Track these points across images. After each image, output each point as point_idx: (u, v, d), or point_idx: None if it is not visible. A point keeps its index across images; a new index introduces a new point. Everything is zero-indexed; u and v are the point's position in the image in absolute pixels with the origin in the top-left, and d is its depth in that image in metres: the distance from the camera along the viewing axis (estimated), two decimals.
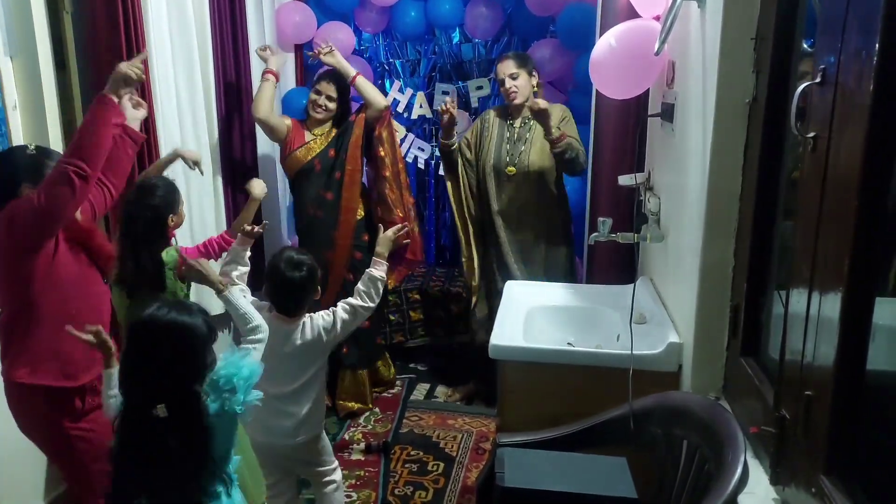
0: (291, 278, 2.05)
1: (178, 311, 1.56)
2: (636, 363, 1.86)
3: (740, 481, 1.35)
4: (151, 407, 1.50)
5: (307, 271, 2.07)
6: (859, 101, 1.06)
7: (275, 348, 2.07)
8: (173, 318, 1.54)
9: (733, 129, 1.67)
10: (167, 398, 1.51)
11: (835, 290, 1.13)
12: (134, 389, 1.55)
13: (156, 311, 1.56)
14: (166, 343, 1.53)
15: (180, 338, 1.54)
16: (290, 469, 2.28)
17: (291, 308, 2.11)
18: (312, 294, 2.13)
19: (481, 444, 3.06)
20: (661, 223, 2.31)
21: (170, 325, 1.53)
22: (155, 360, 1.53)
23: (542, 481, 1.51)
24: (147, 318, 1.55)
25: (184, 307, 1.60)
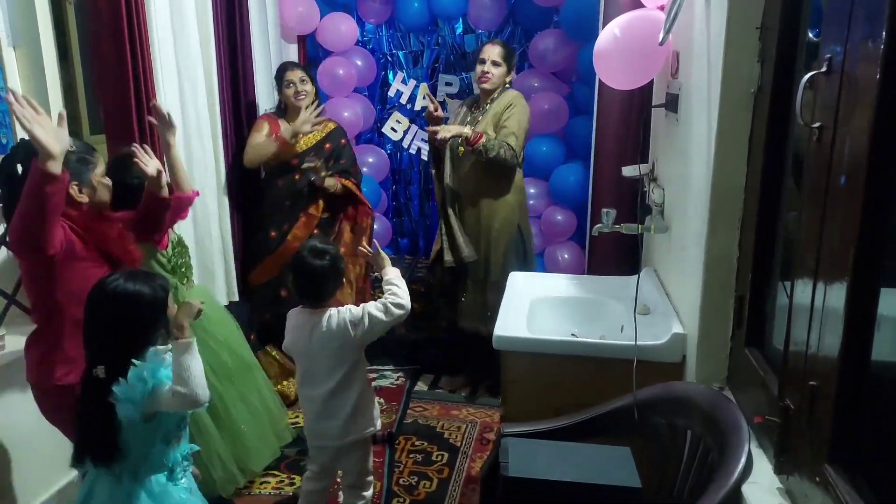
0: (313, 266, 2.05)
1: (128, 280, 1.66)
2: (640, 354, 1.87)
3: (744, 470, 1.35)
4: (95, 367, 1.63)
5: (329, 260, 2.07)
6: (865, 90, 1.06)
7: (302, 343, 2.10)
8: (120, 286, 1.64)
9: (738, 119, 1.67)
10: (107, 361, 1.63)
11: (840, 280, 1.12)
12: (88, 349, 1.68)
13: (110, 277, 1.68)
14: (109, 309, 1.64)
15: (123, 305, 1.64)
16: (331, 466, 2.28)
17: (313, 296, 2.11)
18: (335, 284, 2.11)
19: (485, 435, 3.08)
20: (664, 214, 2.31)
21: (116, 291, 1.64)
22: (101, 325, 1.66)
23: (546, 471, 1.52)
24: (101, 283, 1.67)
25: (141, 277, 1.69)
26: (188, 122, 3.02)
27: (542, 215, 3.78)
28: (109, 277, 1.68)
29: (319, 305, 2.11)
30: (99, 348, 1.66)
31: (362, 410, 2.16)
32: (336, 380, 2.10)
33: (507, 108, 3.08)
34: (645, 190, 2.54)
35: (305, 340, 2.09)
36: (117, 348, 1.64)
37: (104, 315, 1.65)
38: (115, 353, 1.63)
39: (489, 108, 3.15)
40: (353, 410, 2.13)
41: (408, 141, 4.22)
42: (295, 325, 2.14)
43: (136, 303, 1.65)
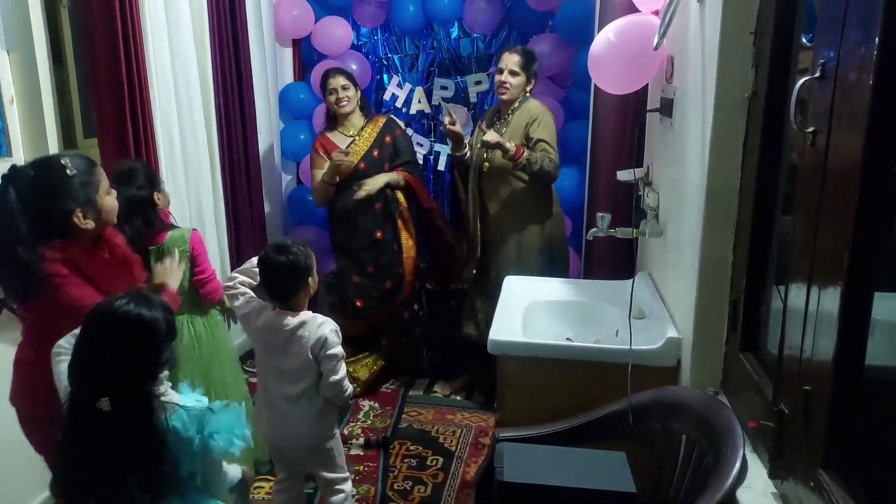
0: (275, 262, 2.03)
1: (136, 304, 1.50)
2: (635, 358, 1.86)
3: (739, 475, 1.35)
4: (96, 399, 1.45)
5: (293, 256, 2.03)
6: (859, 95, 1.06)
7: (277, 342, 2.07)
8: (130, 310, 1.48)
9: (732, 123, 1.67)
10: (113, 392, 1.45)
11: (834, 285, 1.13)
12: (82, 378, 1.49)
13: (114, 300, 1.50)
14: (119, 335, 1.48)
15: (134, 331, 1.49)
16: (300, 467, 2.26)
17: (280, 294, 2.08)
18: (302, 282, 2.07)
19: (480, 439, 3.07)
20: (659, 218, 2.31)
21: (126, 316, 1.48)
22: (105, 351, 1.48)
23: (541, 476, 1.52)
24: (104, 307, 1.50)
25: (144, 300, 1.53)
26: (184, 127, 3.01)
27: None
28: (115, 301, 1.50)
29: (287, 305, 2.08)
30: (102, 379, 1.47)
31: (324, 416, 2.14)
32: (306, 382, 2.07)
33: (534, 121, 2.97)
34: (640, 194, 2.54)
35: (282, 340, 2.05)
36: (127, 379, 1.48)
37: (111, 342, 1.49)
38: (125, 383, 1.48)
39: (511, 118, 3.04)
40: (317, 416, 2.11)
41: None
42: (268, 323, 2.08)
43: (149, 328, 1.50)
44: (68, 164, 1.74)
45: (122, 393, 1.47)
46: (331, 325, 2.07)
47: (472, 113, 4.19)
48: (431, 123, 4.25)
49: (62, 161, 1.75)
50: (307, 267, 2.07)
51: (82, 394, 1.49)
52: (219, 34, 3.26)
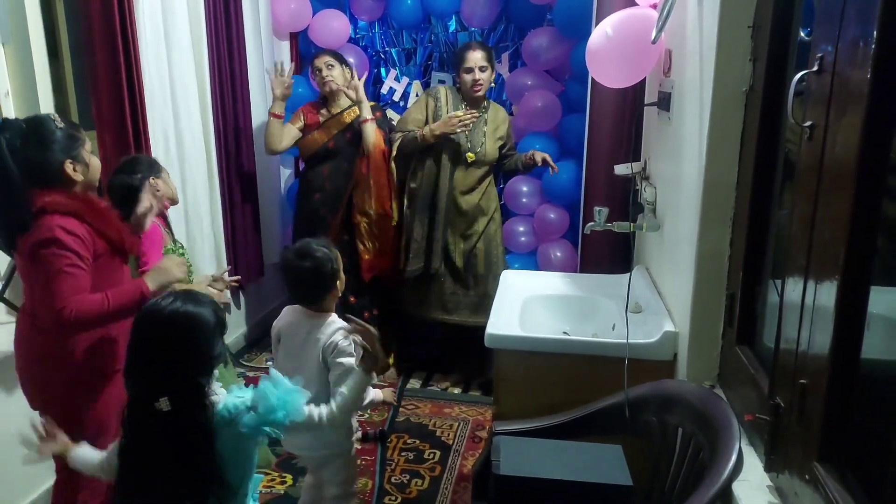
0: (297, 267, 1.98)
1: (183, 301, 1.50)
2: (632, 352, 1.87)
3: (735, 468, 1.36)
4: (154, 401, 1.44)
5: (315, 261, 1.96)
6: (856, 89, 1.06)
7: (297, 342, 2.01)
8: (177, 308, 1.48)
9: (730, 117, 1.67)
10: (171, 391, 1.45)
11: (830, 279, 1.13)
12: (138, 382, 1.49)
13: (161, 300, 1.51)
14: (170, 333, 1.47)
15: (185, 328, 1.48)
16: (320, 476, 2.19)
17: (303, 298, 2.03)
18: (327, 286, 2.00)
19: (477, 433, 3.08)
20: (657, 212, 2.31)
21: (174, 314, 1.47)
22: (158, 351, 1.47)
23: (538, 469, 1.52)
24: (152, 308, 1.50)
25: (191, 296, 1.53)
26: (179, 120, 3.01)
27: (535, 213, 3.78)
28: (161, 300, 1.50)
29: (315, 307, 2.03)
30: (158, 379, 1.47)
31: (337, 429, 2.05)
32: (320, 386, 1.98)
33: (504, 125, 3.38)
34: (637, 188, 2.55)
35: (300, 341, 2.01)
36: (184, 377, 1.47)
37: (165, 341, 1.47)
38: (182, 382, 1.47)
39: (486, 116, 3.34)
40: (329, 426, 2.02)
41: None
42: (290, 321, 2.06)
43: (201, 324, 1.49)
44: (56, 118, 1.84)
45: (180, 392, 1.46)
46: (346, 335, 1.95)
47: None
48: None
49: (51, 116, 1.85)
50: (333, 270, 1.99)
51: (140, 398, 1.48)
52: (215, 27, 3.25)
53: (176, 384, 1.47)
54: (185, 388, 1.47)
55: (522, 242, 3.76)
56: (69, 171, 1.81)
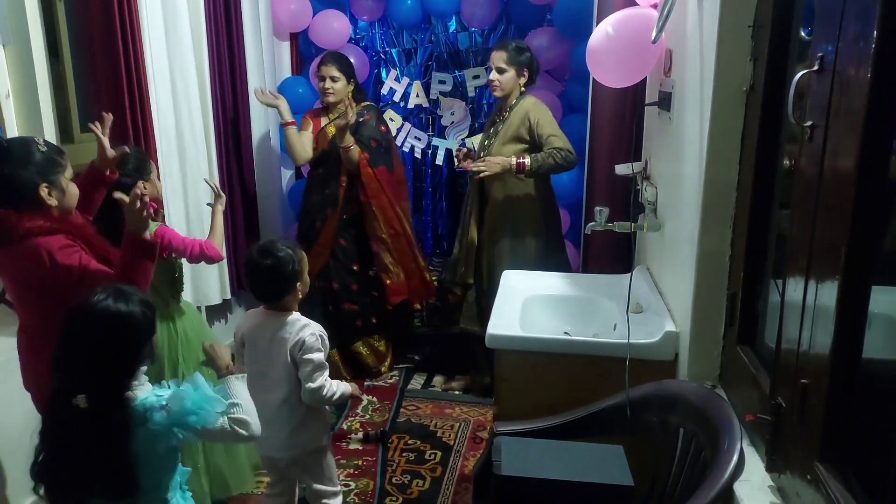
0: (259, 265, 1.98)
1: (114, 299, 1.49)
2: (633, 352, 1.87)
3: (736, 469, 1.35)
4: (73, 396, 1.45)
5: (277, 259, 1.97)
6: (857, 89, 1.06)
7: (262, 343, 2.01)
8: (108, 306, 1.48)
9: (730, 117, 1.67)
10: (90, 389, 1.45)
11: (831, 278, 1.13)
12: (61, 376, 1.50)
13: (94, 296, 1.50)
14: (96, 332, 1.47)
15: (111, 328, 1.48)
16: (288, 475, 2.20)
17: (264, 295, 2.04)
18: (288, 286, 2.00)
19: (478, 433, 3.07)
20: (657, 212, 2.31)
21: (103, 313, 1.47)
22: (83, 348, 1.47)
23: (539, 469, 1.52)
24: (84, 305, 1.49)
25: (122, 295, 1.52)
26: (180, 120, 3.01)
27: None
28: (94, 297, 1.50)
29: (276, 306, 2.03)
30: (80, 375, 1.47)
31: (310, 426, 2.07)
32: (291, 386, 2.01)
33: (527, 118, 2.96)
34: (638, 188, 2.54)
35: (266, 343, 2.01)
36: (104, 376, 1.48)
37: (90, 338, 1.48)
38: (102, 380, 1.47)
39: (509, 116, 3.03)
40: (300, 424, 2.04)
41: (401, 139, 4.21)
42: (253, 324, 2.05)
43: (127, 325, 1.49)
44: (40, 142, 1.84)
45: (99, 390, 1.46)
46: (313, 329, 2.01)
47: (471, 107, 4.18)
48: (429, 118, 4.25)
49: (35, 139, 1.85)
50: (294, 272, 1.99)
51: (61, 390, 1.49)
52: (215, 28, 3.26)
53: (96, 383, 1.47)
54: (104, 388, 1.47)
55: None
56: (43, 194, 1.79)
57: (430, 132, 4.24)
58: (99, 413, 1.46)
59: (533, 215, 3.08)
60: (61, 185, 1.84)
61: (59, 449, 1.51)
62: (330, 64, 3.31)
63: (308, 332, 1.99)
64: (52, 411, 1.52)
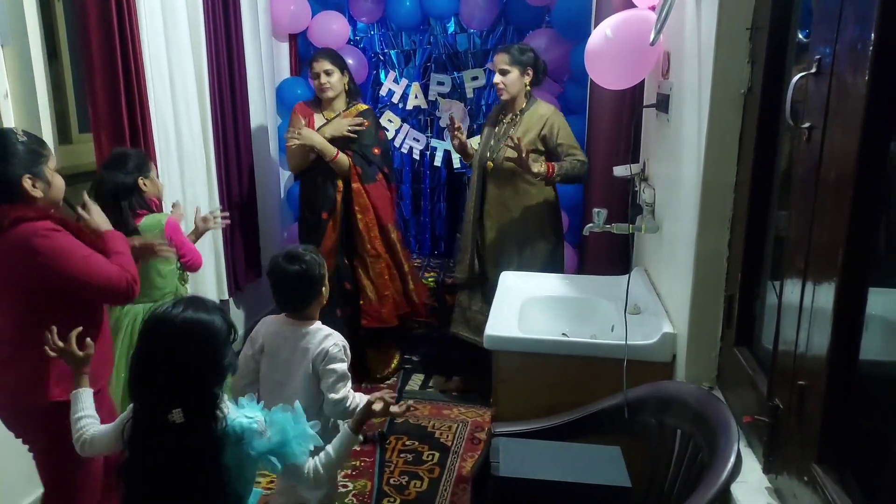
0: (286, 271, 1.96)
1: (195, 309, 1.45)
2: (630, 353, 1.87)
3: (734, 470, 1.36)
4: (166, 412, 1.40)
5: (305, 265, 1.95)
6: (854, 91, 1.06)
7: (282, 354, 1.98)
8: (190, 316, 1.43)
9: (728, 119, 1.67)
10: (184, 402, 1.41)
11: (829, 280, 1.13)
12: (148, 393, 1.44)
13: (171, 308, 1.45)
14: (184, 343, 1.42)
15: (199, 337, 1.43)
16: None
17: (289, 303, 2.01)
18: (314, 291, 1.99)
19: (476, 434, 3.08)
20: (655, 214, 2.31)
21: (187, 322, 1.43)
22: (171, 361, 1.42)
23: (537, 471, 1.52)
24: (162, 316, 1.44)
25: (201, 304, 1.49)
26: (179, 120, 3.01)
27: None
28: (171, 308, 1.45)
29: (300, 315, 2.01)
30: (170, 389, 1.42)
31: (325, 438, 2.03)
32: (310, 398, 1.97)
33: (553, 130, 2.95)
34: (636, 190, 2.55)
35: (288, 353, 1.98)
36: (197, 388, 1.43)
37: (178, 351, 1.42)
38: (195, 393, 1.43)
39: (521, 119, 3.00)
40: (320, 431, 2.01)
41: (399, 140, 4.21)
42: (274, 332, 2.02)
43: (212, 333, 1.44)
44: (19, 132, 1.81)
45: (194, 402, 1.43)
46: (335, 339, 1.97)
47: (469, 109, 4.19)
48: (428, 119, 4.25)
49: (14, 130, 1.83)
50: (320, 276, 1.98)
51: (149, 409, 1.44)
52: (214, 29, 3.25)
53: (191, 395, 1.43)
54: (199, 399, 1.43)
55: None
56: (27, 185, 1.76)
57: (428, 133, 4.24)
58: (195, 426, 1.42)
59: (545, 219, 3.09)
60: (46, 176, 1.81)
61: (153, 471, 1.45)
62: (321, 59, 3.29)
63: (331, 343, 1.95)
64: (139, 434, 1.47)
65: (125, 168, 2.31)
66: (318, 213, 3.35)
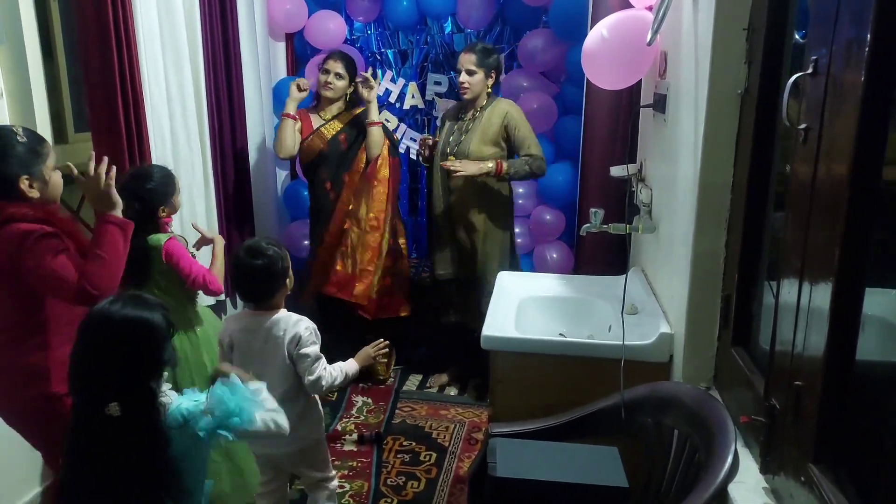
0: (247, 265, 2.00)
1: (133, 305, 1.49)
2: (628, 353, 1.87)
3: (731, 470, 1.36)
4: (103, 406, 1.42)
5: (267, 259, 2.00)
6: (851, 92, 1.06)
7: (255, 346, 2.03)
8: (128, 313, 1.47)
9: (725, 119, 1.67)
10: (121, 397, 1.43)
11: (825, 280, 1.13)
12: (85, 388, 1.47)
13: (109, 304, 1.48)
14: (121, 338, 1.46)
15: (137, 333, 1.46)
16: (286, 468, 2.24)
17: (251, 295, 2.06)
18: (277, 283, 2.03)
19: (473, 435, 3.07)
20: (652, 214, 2.31)
21: (125, 319, 1.46)
22: (108, 356, 1.45)
23: (534, 471, 1.52)
24: (100, 312, 1.47)
25: (141, 300, 1.52)
26: (175, 120, 3.00)
27: (531, 215, 3.79)
28: (109, 304, 1.48)
29: (263, 306, 2.04)
30: (107, 384, 1.44)
31: (307, 417, 2.09)
32: (289, 384, 2.03)
33: (505, 120, 3.07)
34: (633, 190, 2.55)
35: (260, 344, 2.02)
36: (133, 382, 1.46)
37: (114, 346, 1.45)
38: (132, 387, 1.45)
39: (481, 115, 3.13)
40: (298, 419, 2.02)
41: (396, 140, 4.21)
42: (242, 327, 2.06)
43: (150, 328, 1.47)
44: (18, 131, 1.79)
45: (130, 396, 1.45)
46: (306, 324, 2.03)
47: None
48: (425, 119, 4.24)
49: (13, 128, 1.80)
50: (283, 269, 2.03)
51: (87, 402, 1.47)
52: (210, 29, 3.24)
53: (127, 389, 1.45)
54: (136, 393, 1.46)
55: (518, 244, 3.76)
56: (23, 186, 1.75)
57: (425, 133, 4.24)
58: (134, 420, 1.45)
59: (503, 211, 3.25)
60: (43, 176, 1.80)
61: (91, 465, 1.47)
62: (338, 60, 3.35)
63: (302, 327, 2.02)
64: (78, 427, 1.48)
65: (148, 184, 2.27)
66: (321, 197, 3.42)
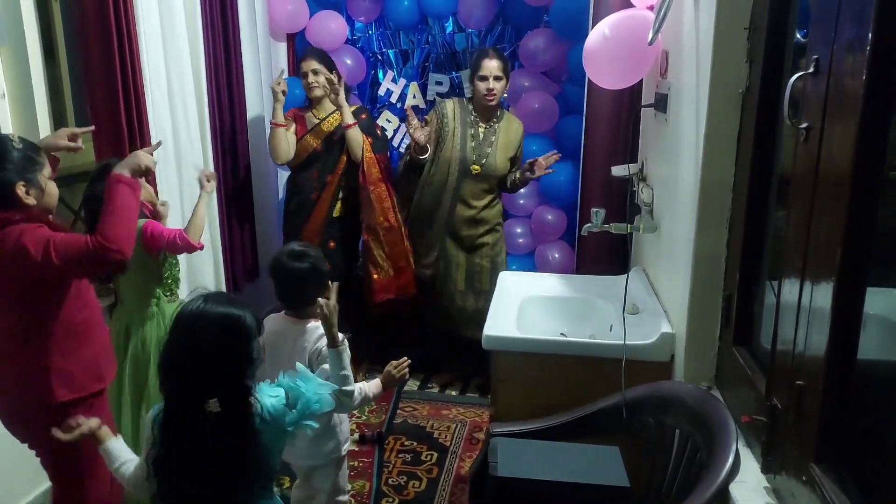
0: (292, 269, 1.98)
1: (227, 303, 1.51)
2: (629, 353, 1.87)
3: (732, 469, 1.36)
4: (200, 404, 1.44)
5: (310, 263, 1.99)
6: (852, 91, 1.06)
7: (284, 351, 2.00)
8: (223, 310, 1.49)
9: (727, 119, 1.67)
10: (218, 393, 1.45)
11: (826, 280, 1.13)
12: (182, 385, 1.48)
13: (203, 302, 1.50)
14: (220, 335, 1.47)
15: (232, 329, 1.48)
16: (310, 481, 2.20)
17: (295, 301, 2.04)
18: (318, 289, 1.95)
19: (475, 434, 3.07)
20: (654, 213, 2.31)
21: (221, 316, 1.48)
22: (206, 352, 1.46)
23: (535, 471, 1.52)
24: (196, 310, 1.49)
25: (230, 298, 1.56)
26: (176, 121, 3.00)
27: (532, 215, 3.79)
28: (202, 303, 1.50)
29: (302, 311, 2.03)
30: (204, 380, 1.46)
31: (329, 435, 2.06)
32: None
33: (520, 140, 3.26)
34: (634, 189, 2.55)
35: (288, 350, 2.01)
36: (230, 378, 1.48)
37: (211, 343, 1.46)
38: (228, 383, 1.48)
39: (498, 128, 3.21)
40: (320, 433, 1.97)
41: (398, 139, 4.21)
42: (275, 331, 2.04)
43: (243, 325, 1.49)
44: (15, 139, 1.80)
45: (227, 392, 1.47)
46: None
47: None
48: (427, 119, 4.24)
49: (10, 136, 1.81)
50: (326, 271, 2.02)
51: (183, 399, 1.48)
52: (212, 29, 3.25)
53: (225, 385, 1.47)
54: (233, 389, 1.48)
55: (520, 244, 3.77)
56: (20, 192, 1.74)
57: None
58: (231, 415, 1.47)
59: (500, 213, 3.35)
60: (40, 183, 1.80)
61: (187, 463, 1.49)
62: (309, 58, 3.32)
63: (325, 343, 1.94)
64: (172, 426, 1.49)
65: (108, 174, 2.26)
66: (308, 195, 3.37)
